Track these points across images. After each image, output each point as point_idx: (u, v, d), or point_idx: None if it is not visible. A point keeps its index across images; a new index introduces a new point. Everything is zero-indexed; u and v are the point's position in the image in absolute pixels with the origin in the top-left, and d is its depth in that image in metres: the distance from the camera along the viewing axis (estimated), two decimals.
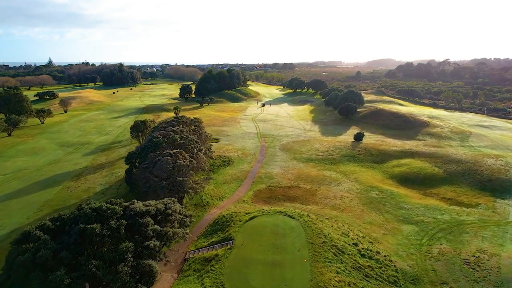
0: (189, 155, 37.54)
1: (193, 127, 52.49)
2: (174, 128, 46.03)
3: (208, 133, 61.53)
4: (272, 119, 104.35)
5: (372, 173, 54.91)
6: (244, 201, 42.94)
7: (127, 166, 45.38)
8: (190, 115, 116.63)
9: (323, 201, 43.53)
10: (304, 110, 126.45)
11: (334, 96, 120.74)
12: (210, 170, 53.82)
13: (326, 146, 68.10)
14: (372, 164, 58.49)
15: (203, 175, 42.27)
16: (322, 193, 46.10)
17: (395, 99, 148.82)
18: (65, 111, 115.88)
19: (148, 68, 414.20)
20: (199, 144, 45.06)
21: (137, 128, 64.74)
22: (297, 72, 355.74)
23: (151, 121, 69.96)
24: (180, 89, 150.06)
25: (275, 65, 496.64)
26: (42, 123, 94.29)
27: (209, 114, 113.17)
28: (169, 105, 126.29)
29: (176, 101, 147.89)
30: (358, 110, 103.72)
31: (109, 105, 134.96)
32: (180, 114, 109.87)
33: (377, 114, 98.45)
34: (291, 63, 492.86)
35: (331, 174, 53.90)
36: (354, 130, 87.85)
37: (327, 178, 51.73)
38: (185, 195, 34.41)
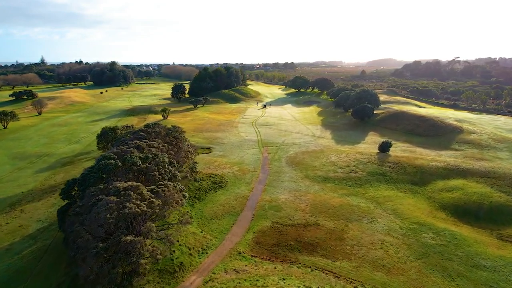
0: (150, 191, 23.47)
1: (171, 138, 38.50)
2: (140, 143, 32.00)
3: (195, 145, 47.36)
4: (275, 123, 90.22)
5: (413, 200, 40.74)
6: (239, 253, 28.79)
7: None
8: (181, 117, 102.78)
9: (357, 251, 29.38)
10: (311, 112, 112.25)
11: (344, 96, 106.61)
12: (194, 197, 39.75)
13: (346, 160, 53.96)
14: (411, 187, 44.30)
15: (179, 214, 28.15)
16: (352, 236, 31.96)
17: (410, 99, 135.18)
18: (39, 113, 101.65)
19: (144, 67, 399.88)
20: (175, 167, 30.96)
21: (105, 138, 50.71)
22: (298, 71, 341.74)
23: (124, 127, 55.73)
24: (172, 88, 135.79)
25: (275, 65, 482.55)
26: (5, 127, 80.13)
27: (202, 117, 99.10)
28: (158, 107, 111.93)
29: (168, 101, 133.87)
30: (374, 112, 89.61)
31: (92, 106, 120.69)
32: (169, 118, 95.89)
33: (398, 117, 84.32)
34: (292, 62, 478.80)
35: (359, 202, 39.74)
36: (373, 137, 73.99)
37: (355, 210, 37.59)
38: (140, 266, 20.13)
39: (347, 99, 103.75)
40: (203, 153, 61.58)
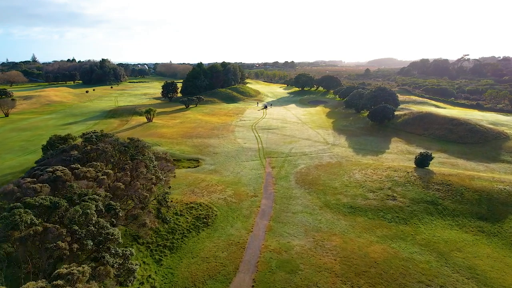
0: None
1: (125, 158, 25.22)
2: (61, 172, 18.50)
3: (171, 165, 33.76)
4: (278, 127, 76.88)
5: (492, 249, 27.42)
6: None
7: None
8: (169, 119, 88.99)
9: None
10: (318, 113, 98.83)
11: (357, 95, 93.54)
12: (164, 246, 26.36)
13: (375, 178, 40.61)
14: (480, 224, 30.97)
15: None
16: None
17: (426, 99, 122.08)
18: (6, 115, 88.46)
19: (139, 65, 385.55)
20: (117, 214, 17.61)
21: (53, 150, 37.18)
22: (299, 70, 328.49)
23: (86, 135, 42.08)
24: (163, 87, 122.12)
25: (275, 64, 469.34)
26: None
27: (194, 119, 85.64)
28: (145, 107, 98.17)
29: (158, 101, 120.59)
30: (395, 114, 76.36)
31: (70, 106, 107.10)
32: (154, 120, 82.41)
33: (424, 120, 71.02)
34: (292, 61, 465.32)
35: (412, 252, 26.40)
36: (398, 144, 60.84)
37: (410, 268, 24.29)
38: None
39: (360, 98, 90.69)
40: (189, 166, 48.38)
